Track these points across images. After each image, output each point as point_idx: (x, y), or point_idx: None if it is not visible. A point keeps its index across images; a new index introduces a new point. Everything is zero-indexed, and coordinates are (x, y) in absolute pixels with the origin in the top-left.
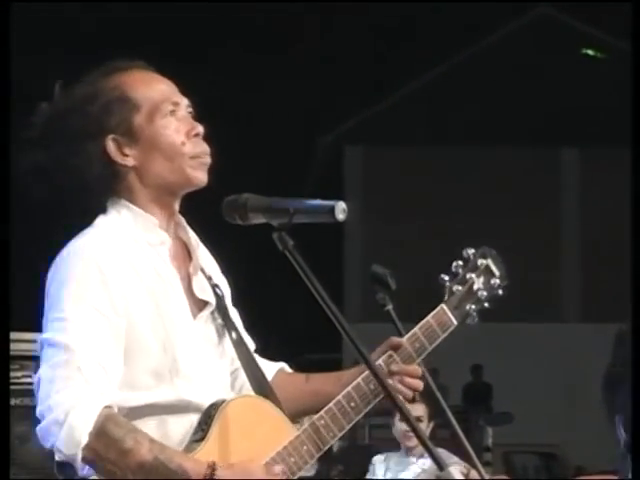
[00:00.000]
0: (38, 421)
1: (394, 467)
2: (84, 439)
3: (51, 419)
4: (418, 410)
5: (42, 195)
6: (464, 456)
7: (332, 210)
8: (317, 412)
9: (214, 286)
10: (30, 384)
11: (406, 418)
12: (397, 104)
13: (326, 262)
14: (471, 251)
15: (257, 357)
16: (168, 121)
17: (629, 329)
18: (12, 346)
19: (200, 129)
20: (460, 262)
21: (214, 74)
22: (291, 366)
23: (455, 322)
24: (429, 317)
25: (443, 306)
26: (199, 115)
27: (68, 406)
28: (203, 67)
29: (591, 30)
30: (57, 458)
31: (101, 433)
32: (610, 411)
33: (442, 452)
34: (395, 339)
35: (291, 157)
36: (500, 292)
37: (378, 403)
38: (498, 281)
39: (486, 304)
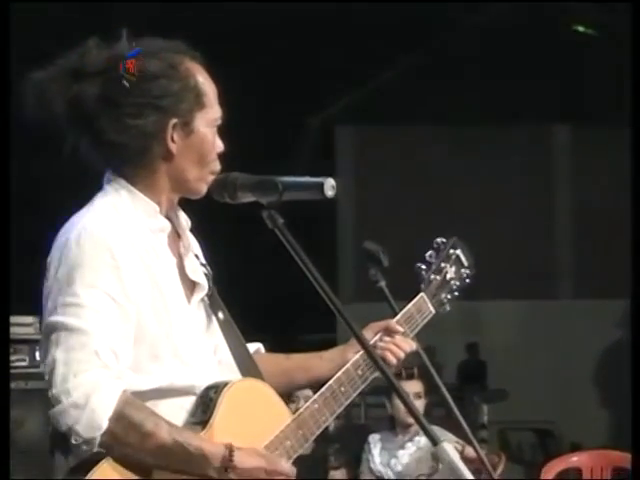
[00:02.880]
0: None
1: (390, 446)
2: (104, 423)
3: (70, 402)
4: (416, 387)
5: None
6: (460, 433)
7: (321, 186)
8: (298, 388)
9: (203, 265)
10: (25, 367)
11: (400, 395)
12: (388, 83)
13: (318, 243)
14: (442, 240)
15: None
16: (213, 132)
17: None
18: None
19: (222, 147)
20: (433, 252)
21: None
22: (285, 347)
23: (433, 311)
24: (410, 305)
25: (423, 295)
26: None
27: (88, 389)
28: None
29: (583, 6)
30: (73, 441)
31: (121, 417)
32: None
33: (436, 429)
34: (393, 325)
35: (281, 138)
36: (468, 281)
37: (374, 380)
38: (467, 271)
39: (456, 293)
